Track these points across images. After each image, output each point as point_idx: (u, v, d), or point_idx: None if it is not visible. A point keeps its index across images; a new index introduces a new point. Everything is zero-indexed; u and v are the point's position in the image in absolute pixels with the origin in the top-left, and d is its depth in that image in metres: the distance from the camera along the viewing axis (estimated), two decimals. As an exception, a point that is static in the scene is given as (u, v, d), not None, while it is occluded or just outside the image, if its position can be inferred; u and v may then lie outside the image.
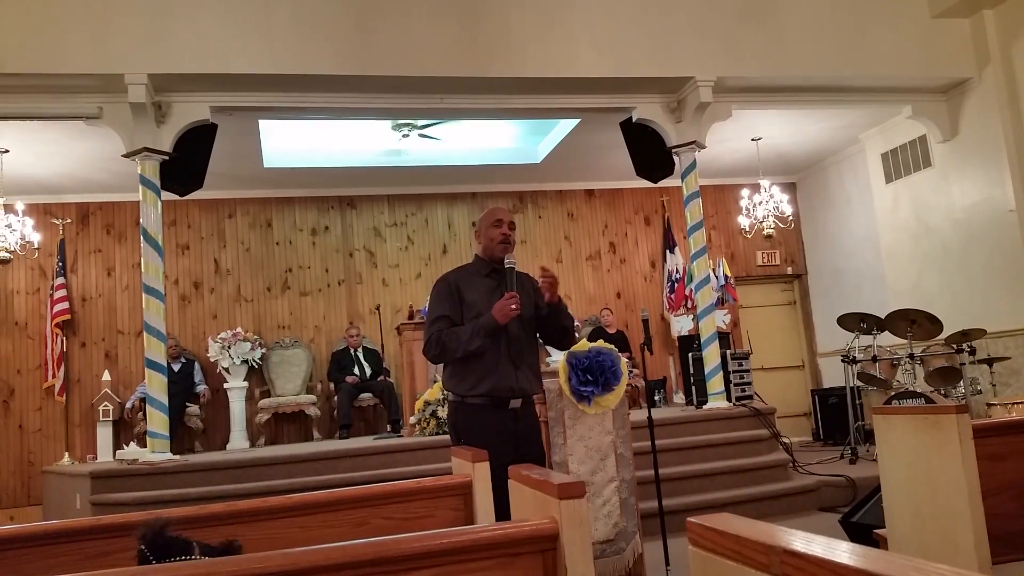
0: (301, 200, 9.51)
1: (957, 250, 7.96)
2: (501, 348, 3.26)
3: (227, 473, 6.12)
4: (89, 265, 8.89)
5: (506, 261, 3.30)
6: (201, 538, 1.66)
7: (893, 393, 6.61)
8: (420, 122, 8.35)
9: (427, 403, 6.79)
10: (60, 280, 8.53)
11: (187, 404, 8.38)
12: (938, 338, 6.97)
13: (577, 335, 9.16)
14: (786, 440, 7.01)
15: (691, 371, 7.87)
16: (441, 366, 3.55)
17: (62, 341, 8.50)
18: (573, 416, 4.17)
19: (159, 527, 1.56)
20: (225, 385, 8.62)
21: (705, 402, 7.27)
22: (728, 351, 7.59)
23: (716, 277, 8.86)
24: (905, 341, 6.91)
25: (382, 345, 8.69)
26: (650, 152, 7.43)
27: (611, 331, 9.33)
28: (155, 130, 6.32)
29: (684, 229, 7.76)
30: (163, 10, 6.15)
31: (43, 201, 8.70)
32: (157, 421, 6.16)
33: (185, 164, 6.51)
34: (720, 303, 8.84)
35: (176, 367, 8.27)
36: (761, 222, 8.98)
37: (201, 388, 8.55)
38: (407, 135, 8.56)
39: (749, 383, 7.58)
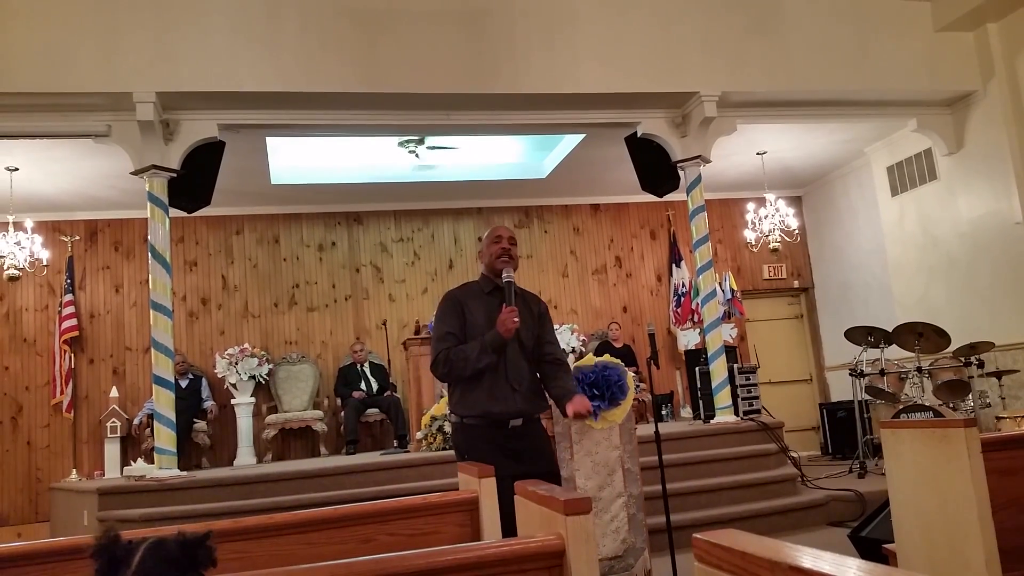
0: (308, 216, 9.55)
1: (964, 263, 7.94)
2: (499, 370, 3.26)
3: (234, 489, 6.11)
4: (97, 282, 8.93)
5: (504, 275, 3.32)
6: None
7: (901, 407, 6.58)
8: (427, 139, 8.39)
9: (434, 418, 6.78)
10: (68, 297, 8.56)
11: (194, 420, 8.38)
12: (946, 351, 6.94)
13: (583, 349, 9.18)
14: (794, 454, 6.97)
15: (698, 385, 7.85)
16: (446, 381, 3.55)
17: (70, 358, 8.53)
18: (580, 431, 4.17)
19: (110, 540, 1.35)
20: (232, 401, 8.64)
21: (712, 416, 7.24)
22: (735, 365, 7.57)
23: (722, 291, 8.85)
24: (913, 354, 6.88)
25: (388, 360, 8.69)
26: (655, 167, 7.44)
27: (617, 345, 9.32)
28: (163, 148, 6.37)
29: (690, 243, 7.76)
30: (171, 28, 6.20)
31: (52, 218, 8.76)
32: (164, 437, 6.16)
33: (193, 181, 6.54)
34: (727, 317, 8.82)
35: (183, 383, 8.28)
36: (767, 236, 8.98)
37: (208, 404, 8.56)
38: (413, 151, 8.60)
39: (757, 397, 7.55)
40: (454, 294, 3.45)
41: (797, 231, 9.29)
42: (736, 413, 7.24)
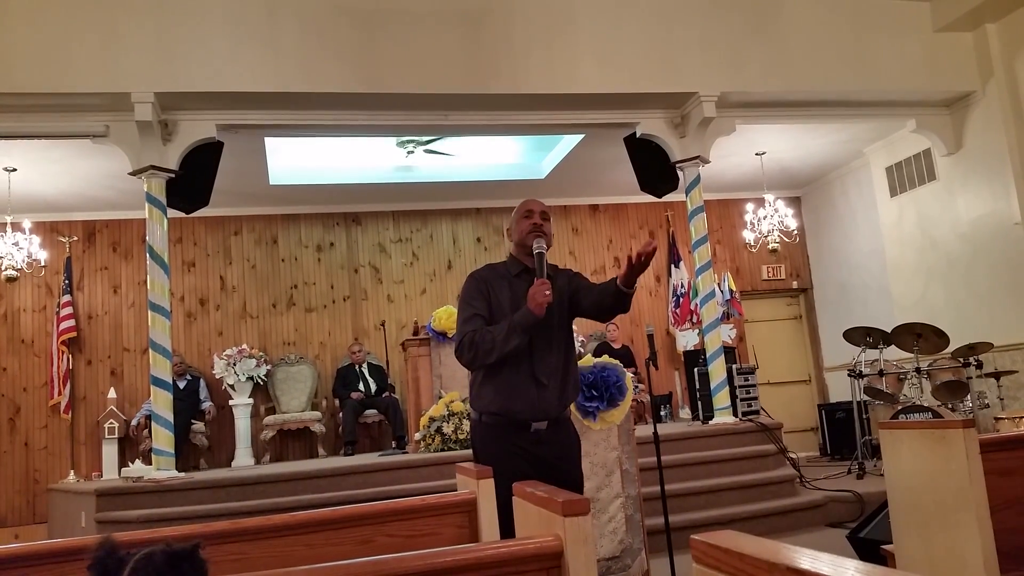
0: (306, 217, 9.55)
1: (963, 263, 7.95)
2: (523, 362, 2.90)
3: (232, 490, 6.10)
4: (95, 283, 8.92)
5: (535, 247, 2.96)
6: (207, 555, 1.54)
7: (900, 407, 6.58)
8: (425, 139, 8.39)
9: (432, 419, 6.78)
10: (66, 298, 8.56)
11: (192, 421, 8.37)
12: (944, 352, 6.95)
13: (582, 351, 9.17)
14: (793, 455, 6.97)
15: (697, 386, 7.84)
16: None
17: (68, 359, 8.52)
18: (578, 431, 4.16)
19: (106, 551, 1.34)
20: (230, 402, 8.63)
21: (711, 417, 7.24)
22: (734, 366, 7.56)
23: (721, 291, 8.86)
24: (911, 355, 6.89)
25: (387, 361, 8.68)
26: (654, 167, 7.44)
27: (616, 346, 9.31)
28: (161, 148, 6.36)
29: (689, 244, 7.76)
30: (170, 29, 6.20)
31: (50, 219, 8.75)
32: (162, 438, 6.15)
33: (191, 182, 6.54)
34: (725, 317, 8.82)
35: (181, 384, 8.27)
36: (766, 236, 8.98)
37: (206, 405, 8.56)
38: (412, 152, 8.60)
39: (755, 398, 7.55)
40: (480, 274, 3.10)
41: (796, 232, 9.29)
42: (735, 414, 7.23)
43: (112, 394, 8.34)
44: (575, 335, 9.21)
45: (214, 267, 9.24)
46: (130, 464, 6.94)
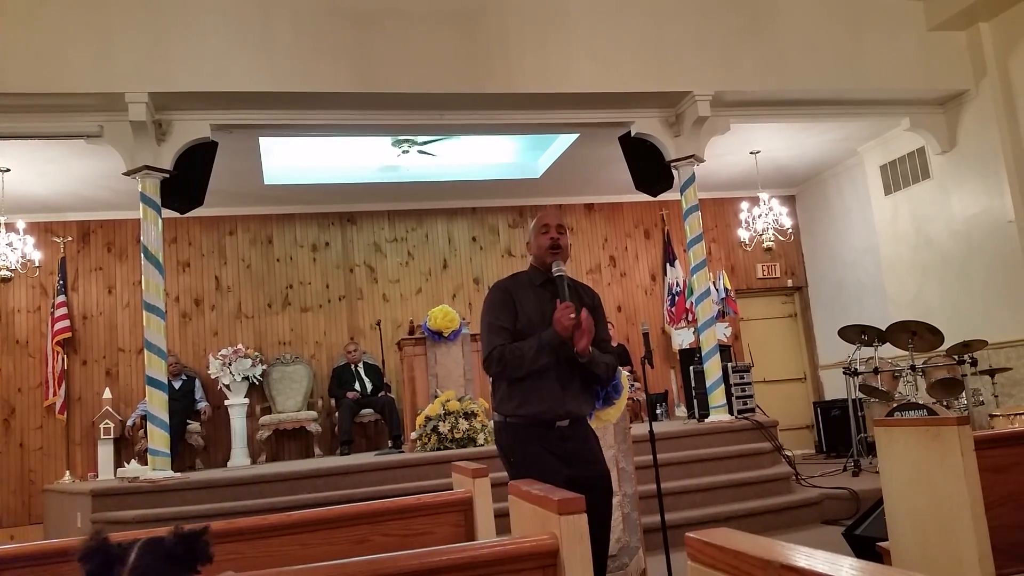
0: (301, 216, 9.53)
1: (957, 261, 7.97)
2: (549, 368, 3.04)
3: (228, 490, 6.10)
4: (90, 283, 8.90)
5: (554, 269, 3.09)
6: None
7: (895, 405, 6.60)
8: (420, 138, 8.39)
9: (428, 418, 6.78)
10: (61, 298, 8.53)
11: (188, 421, 8.36)
12: (939, 349, 6.96)
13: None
14: (788, 453, 6.98)
15: (692, 384, 7.85)
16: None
17: (63, 359, 8.49)
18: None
19: (100, 542, 1.31)
20: (226, 402, 8.61)
21: (707, 415, 7.24)
22: (729, 364, 7.57)
23: (716, 290, 8.85)
24: (906, 353, 6.91)
25: (383, 360, 8.68)
26: (649, 166, 7.45)
27: (612, 345, 9.30)
28: (156, 148, 6.35)
29: (684, 242, 7.77)
30: (164, 29, 6.18)
31: (44, 219, 8.72)
32: (158, 438, 6.15)
33: (186, 182, 6.53)
34: (721, 316, 8.83)
35: (177, 384, 8.26)
36: (761, 235, 8.99)
37: (202, 405, 8.54)
38: (407, 151, 8.59)
39: (751, 396, 7.56)
40: (504, 285, 3.22)
41: (791, 230, 9.30)
42: (730, 412, 7.25)
43: (107, 394, 8.31)
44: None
45: (209, 267, 9.23)
46: (126, 464, 6.93)
